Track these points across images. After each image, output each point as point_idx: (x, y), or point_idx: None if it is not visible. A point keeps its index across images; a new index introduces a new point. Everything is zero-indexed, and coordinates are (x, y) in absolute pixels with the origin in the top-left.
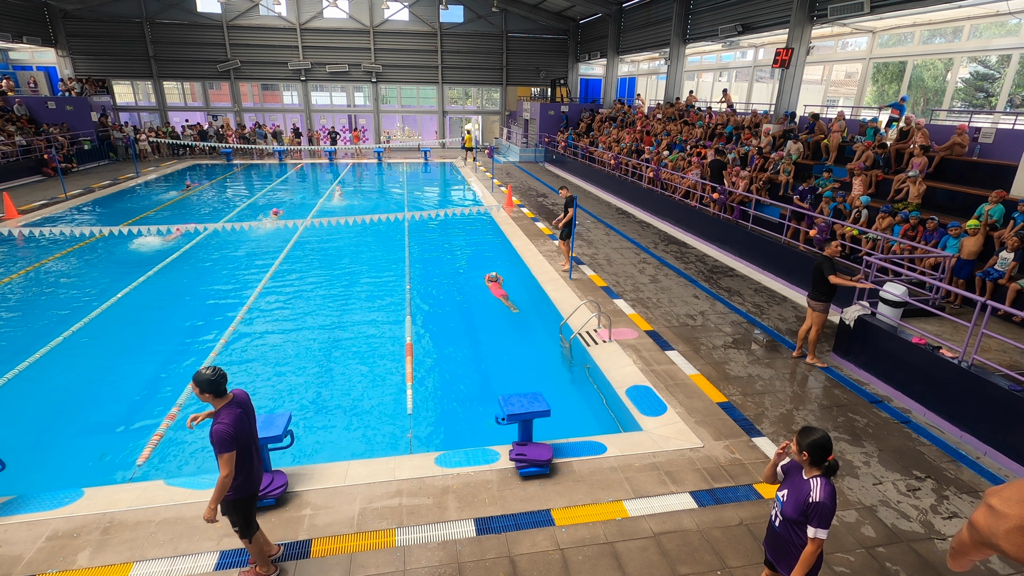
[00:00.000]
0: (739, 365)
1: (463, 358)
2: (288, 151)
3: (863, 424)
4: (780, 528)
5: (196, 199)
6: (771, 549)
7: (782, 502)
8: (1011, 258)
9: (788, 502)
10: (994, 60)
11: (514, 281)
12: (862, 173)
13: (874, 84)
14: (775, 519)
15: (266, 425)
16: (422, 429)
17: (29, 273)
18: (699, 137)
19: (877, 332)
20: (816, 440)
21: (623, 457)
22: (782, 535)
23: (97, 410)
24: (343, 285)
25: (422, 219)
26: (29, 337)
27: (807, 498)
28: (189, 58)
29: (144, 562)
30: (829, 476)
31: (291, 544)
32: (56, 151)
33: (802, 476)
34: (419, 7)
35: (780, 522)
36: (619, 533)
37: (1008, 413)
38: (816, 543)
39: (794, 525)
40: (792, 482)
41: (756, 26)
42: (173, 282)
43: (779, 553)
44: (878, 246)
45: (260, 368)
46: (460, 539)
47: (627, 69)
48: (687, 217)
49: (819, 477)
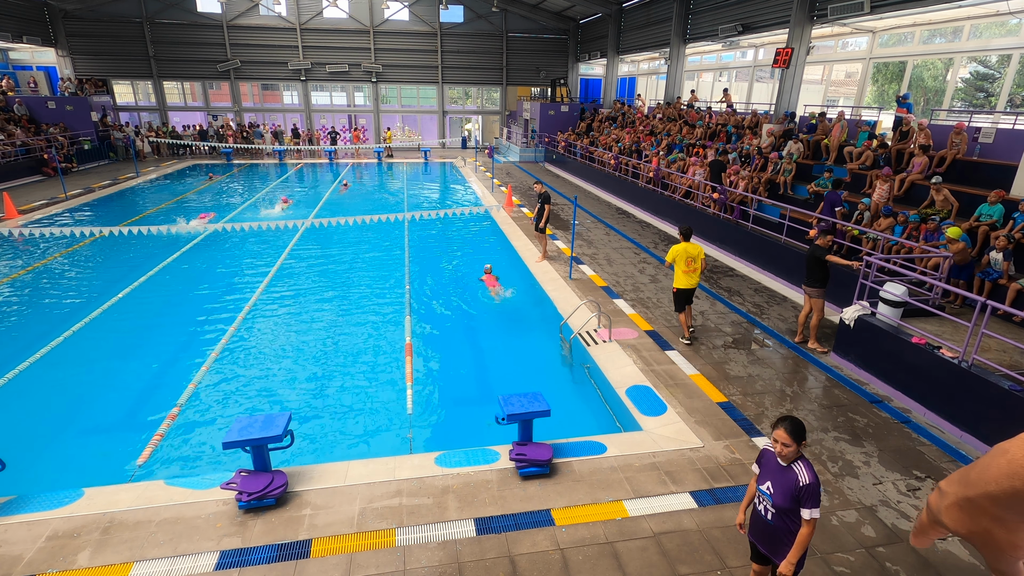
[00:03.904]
0: (739, 365)
1: (463, 358)
2: (288, 151)
3: (863, 424)
4: (773, 520)
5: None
6: (764, 542)
7: (770, 495)
8: (1000, 258)
9: (777, 493)
10: (994, 60)
11: (514, 281)
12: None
13: (874, 84)
14: (765, 513)
15: (266, 425)
16: (422, 429)
17: (29, 273)
18: (699, 137)
19: (877, 332)
20: (797, 423)
21: (623, 457)
22: (775, 526)
23: (97, 410)
24: (343, 285)
25: (422, 219)
26: (29, 337)
27: (795, 483)
28: (189, 58)
29: (144, 562)
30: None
31: (291, 544)
32: (56, 151)
33: (780, 464)
34: (419, 7)
35: (772, 514)
36: (619, 533)
37: (1008, 413)
38: (812, 523)
39: (787, 513)
40: (773, 473)
41: (756, 26)
42: (173, 282)
43: (773, 543)
44: (878, 246)
45: (260, 368)
46: (460, 539)
47: (627, 69)
48: (687, 217)
49: (799, 460)
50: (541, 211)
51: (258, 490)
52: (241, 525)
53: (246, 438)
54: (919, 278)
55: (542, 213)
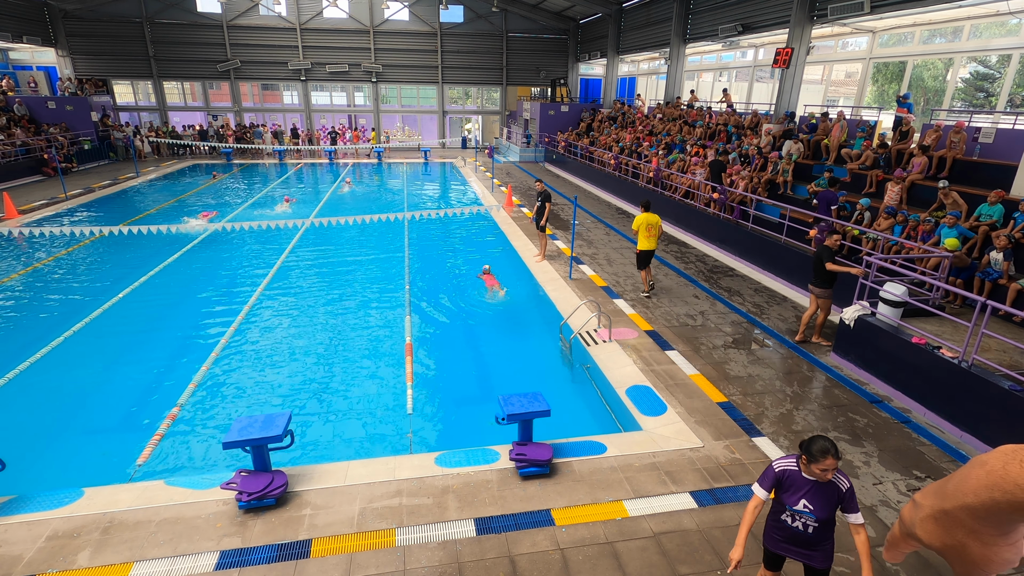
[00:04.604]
0: (739, 365)
1: (463, 358)
2: (288, 151)
3: (863, 424)
4: (815, 532)
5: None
6: (799, 551)
7: (810, 511)
8: (1000, 258)
9: (819, 507)
10: (994, 60)
11: (514, 281)
12: (898, 180)
13: (874, 84)
14: (805, 528)
15: (266, 425)
16: (422, 429)
17: (29, 273)
18: (699, 137)
19: (877, 332)
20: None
21: (623, 457)
22: (815, 537)
23: (97, 410)
24: (343, 285)
25: (422, 219)
26: (29, 337)
27: (838, 491)
28: (189, 58)
29: (144, 562)
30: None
31: (291, 544)
32: (56, 151)
33: (814, 481)
34: (419, 7)
35: (815, 528)
36: (619, 533)
37: (1008, 413)
38: (863, 526)
39: (828, 522)
40: (806, 490)
41: (756, 26)
42: (174, 282)
43: (809, 548)
44: (878, 246)
45: (260, 368)
46: (460, 539)
47: (627, 69)
48: (687, 217)
49: (835, 470)
50: (542, 209)
51: (258, 490)
52: (241, 525)
53: (246, 438)
54: (919, 278)
55: (542, 211)
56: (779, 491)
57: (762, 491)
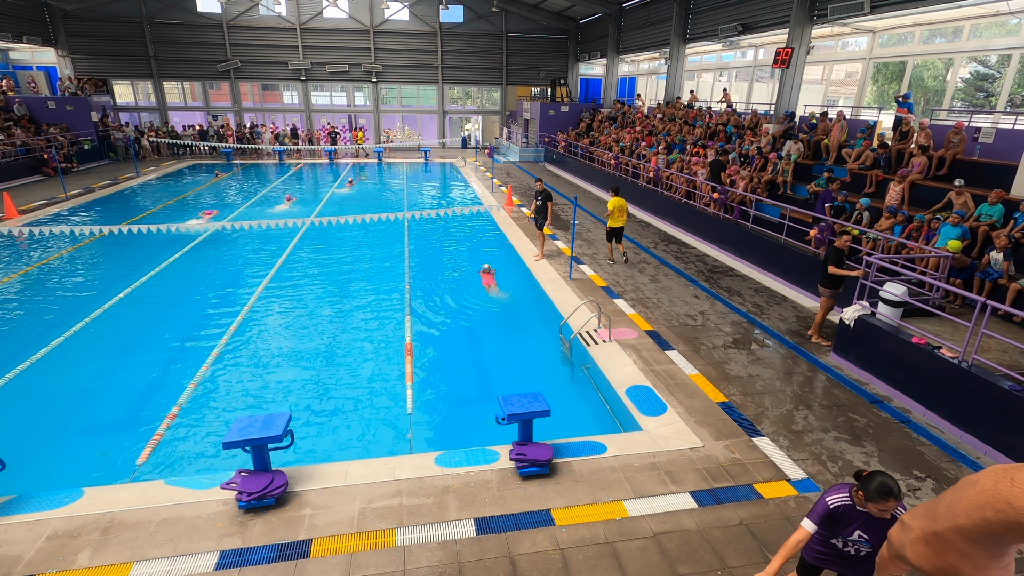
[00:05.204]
0: (739, 365)
1: (463, 358)
2: (288, 151)
3: (863, 424)
4: (866, 555)
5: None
6: (844, 569)
7: (865, 539)
8: (1001, 258)
9: (874, 536)
10: (994, 60)
11: (514, 281)
12: (900, 179)
13: (874, 84)
14: (858, 552)
15: (266, 425)
16: (422, 429)
17: (29, 273)
18: (699, 137)
19: (877, 332)
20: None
21: (623, 457)
22: (866, 558)
23: (97, 410)
24: (343, 284)
25: (422, 219)
26: (29, 337)
27: (894, 518)
28: (189, 58)
29: (144, 562)
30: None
31: (291, 544)
32: (56, 151)
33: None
34: (419, 7)
35: (868, 552)
36: (619, 533)
37: (1008, 413)
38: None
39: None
40: (860, 522)
41: (756, 26)
42: (174, 281)
43: (856, 570)
44: (878, 246)
45: (260, 367)
46: (460, 539)
47: (627, 69)
48: (687, 217)
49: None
50: (543, 209)
51: (258, 490)
52: (241, 525)
53: (246, 438)
54: (919, 278)
55: (544, 211)
56: (830, 524)
57: (812, 525)
